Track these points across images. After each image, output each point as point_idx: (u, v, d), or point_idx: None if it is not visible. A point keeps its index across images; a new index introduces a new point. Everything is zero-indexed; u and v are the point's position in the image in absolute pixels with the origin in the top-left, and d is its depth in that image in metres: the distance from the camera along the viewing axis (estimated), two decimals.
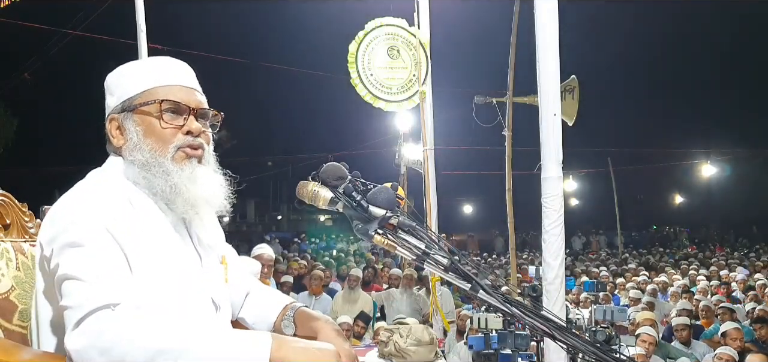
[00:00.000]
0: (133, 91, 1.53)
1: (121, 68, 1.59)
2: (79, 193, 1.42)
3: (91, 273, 1.27)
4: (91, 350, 1.19)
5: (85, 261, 1.28)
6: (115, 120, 1.53)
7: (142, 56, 6.69)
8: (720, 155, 22.92)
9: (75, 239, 1.30)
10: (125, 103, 1.52)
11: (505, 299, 1.46)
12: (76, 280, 1.26)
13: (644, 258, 17.97)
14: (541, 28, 3.90)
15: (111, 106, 1.55)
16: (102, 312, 1.22)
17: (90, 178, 1.50)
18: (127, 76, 1.56)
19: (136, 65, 1.60)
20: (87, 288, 1.25)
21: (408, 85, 7.00)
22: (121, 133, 1.52)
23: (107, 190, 1.44)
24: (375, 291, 8.95)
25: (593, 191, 27.79)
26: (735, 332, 5.96)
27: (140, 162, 1.49)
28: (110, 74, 1.59)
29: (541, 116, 3.95)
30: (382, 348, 3.53)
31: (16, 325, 1.50)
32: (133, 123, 1.51)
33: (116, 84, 1.56)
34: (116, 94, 1.54)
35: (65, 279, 1.27)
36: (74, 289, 1.26)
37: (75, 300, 1.24)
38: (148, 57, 1.63)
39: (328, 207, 1.50)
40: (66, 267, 1.28)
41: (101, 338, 1.20)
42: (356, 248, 18.56)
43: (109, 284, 1.27)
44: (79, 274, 1.27)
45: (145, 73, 1.55)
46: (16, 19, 10.08)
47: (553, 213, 3.88)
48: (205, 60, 12.23)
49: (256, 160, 26.61)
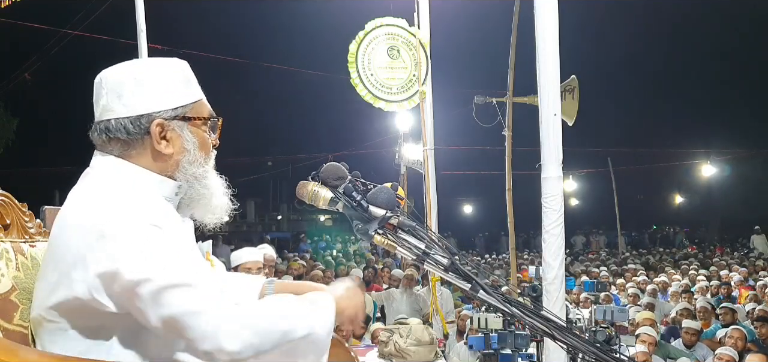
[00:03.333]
0: (186, 100, 1.47)
1: (170, 65, 1.49)
2: (120, 204, 1.35)
3: (191, 277, 1.29)
4: (244, 332, 1.27)
5: (179, 267, 1.30)
6: (162, 125, 1.43)
7: (142, 56, 6.70)
8: (720, 155, 22.90)
9: (152, 249, 1.29)
10: (178, 110, 1.45)
11: (505, 299, 1.47)
12: (182, 287, 1.27)
13: (644, 258, 17.96)
14: (541, 28, 3.90)
15: (152, 106, 1.42)
16: (224, 305, 1.30)
17: (118, 184, 1.40)
18: (181, 81, 1.48)
19: (181, 69, 1.51)
20: (201, 291, 1.29)
21: (408, 85, 7.00)
22: (166, 139, 1.44)
23: (146, 197, 1.41)
24: (375, 291, 8.95)
25: (593, 191, 27.77)
26: (736, 332, 5.96)
27: (193, 174, 1.48)
28: (145, 67, 1.48)
29: (541, 116, 3.95)
30: (382, 348, 3.54)
31: (16, 325, 1.50)
32: (190, 134, 1.47)
33: (164, 82, 1.45)
34: (165, 93, 1.44)
35: (166, 289, 1.26)
36: (188, 295, 1.27)
37: (198, 306, 1.27)
38: (176, 59, 1.52)
39: (328, 207, 1.50)
40: (160, 279, 1.26)
41: (248, 320, 1.29)
42: (356, 248, 18.57)
43: (209, 280, 1.35)
44: (180, 282, 1.28)
45: (193, 82, 1.51)
46: (16, 19, 10.08)
47: (553, 213, 3.88)
48: (204, 60, 12.24)
49: (256, 160, 26.61)
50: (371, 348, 4.27)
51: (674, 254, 19.43)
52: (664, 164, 26.12)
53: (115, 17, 9.96)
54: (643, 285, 10.29)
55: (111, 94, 1.44)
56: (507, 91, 8.63)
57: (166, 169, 1.46)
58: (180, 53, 1.79)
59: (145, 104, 1.42)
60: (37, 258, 1.61)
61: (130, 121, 1.42)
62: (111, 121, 1.42)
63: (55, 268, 1.37)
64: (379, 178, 1.57)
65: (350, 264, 12.43)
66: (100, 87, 1.47)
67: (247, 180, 26.20)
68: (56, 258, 1.37)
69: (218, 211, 1.56)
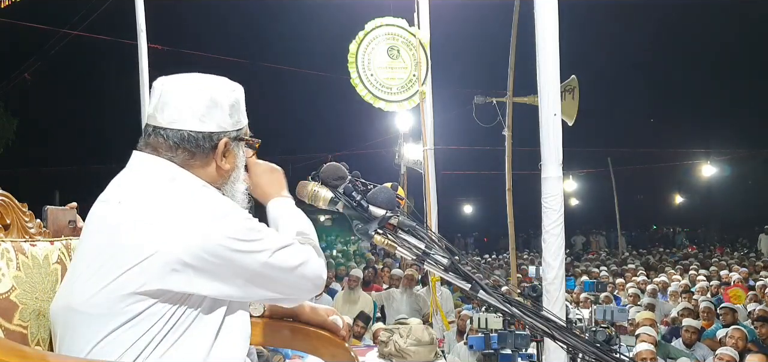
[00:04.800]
0: (244, 122, 1.61)
1: (235, 89, 1.60)
2: (207, 198, 1.48)
3: (286, 239, 1.52)
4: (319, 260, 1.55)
5: (274, 234, 1.52)
6: (227, 144, 1.55)
7: (141, 56, 6.70)
8: (720, 155, 22.92)
9: (257, 225, 1.48)
10: (240, 132, 1.58)
11: (505, 299, 1.47)
12: (286, 247, 1.48)
13: (644, 258, 17.97)
14: (541, 28, 3.90)
15: (223, 125, 1.55)
16: (307, 247, 1.55)
17: (192, 188, 1.51)
18: (242, 104, 1.60)
19: (241, 91, 1.62)
20: (298, 249, 1.51)
21: (408, 85, 7.00)
22: (225, 156, 1.55)
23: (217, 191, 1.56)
24: (375, 291, 8.95)
25: (593, 191, 27.79)
26: (737, 332, 5.96)
27: (237, 190, 1.60)
28: (218, 89, 1.57)
29: (541, 116, 3.95)
30: (382, 348, 3.54)
31: (16, 325, 1.50)
32: (242, 153, 1.61)
33: (234, 103, 1.57)
34: (233, 114, 1.56)
35: (278, 250, 1.46)
36: (293, 250, 1.50)
37: (301, 255, 1.51)
38: (236, 84, 1.65)
39: (328, 207, 1.50)
40: (271, 243, 1.46)
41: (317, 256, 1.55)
42: (356, 248, 18.56)
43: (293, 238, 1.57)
44: (285, 243, 1.49)
45: (244, 105, 1.62)
46: (16, 19, 10.08)
47: (553, 213, 3.88)
48: (205, 60, 12.21)
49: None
50: (371, 348, 4.27)
51: (674, 254, 19.43)
52: (664, 164, 26.14)
53: (115, 17, 9.96)
54: (643, 285, 10.29)
55: (185, 108, 1.52)
56: (507, 91, 8.64)
57: (216, 181, 1.56)
58: (180, 53, 1.79)
59: (218, 124, 1.54)
60: (38, 257, 1.61)
61: (203, 135, 1.52)
62: (184, 132, 1.51)
63: (121, 259, 1.38)
64: (379, 178, 1.58)
65: (350, 264, 12.44)
66: (166, 96, 1.54)
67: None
68: (125, 249, 1.39)
69: None
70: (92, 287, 1.40)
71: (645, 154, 25.05)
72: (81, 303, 1.42)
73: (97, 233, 1.48)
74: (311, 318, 1.97)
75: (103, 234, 1.45)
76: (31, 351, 1.43)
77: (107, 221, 1.46)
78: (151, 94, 1.58)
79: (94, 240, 1.47)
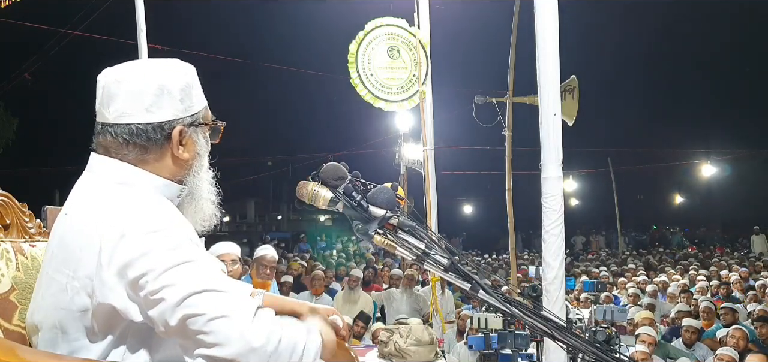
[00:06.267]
0: (199, 107, 1.49)
1: (186, 71, 1.49)
2: (143, 209, 1.34)
3: (219, 283, 1.29)
4: (273, 337, 1.27)
5: (205, 274, 1.28)
6: (182, 132, 1.45)
7: (142, 56, 6.69)
8: (720, 155, 22.91)
9: (183, 257, 1.28)
10: (194, 116, 1.48)
11: (505, 299, 1.46)
12: (212, 292, 1.26)
13: (644, 258, 17.96)
14: (541, 28, 3.90)
15: (176, 112, 1.43)
16: (255, 313, 1.29)
17: (136, 189, 1.40)
18: (195, 86, 1.49)
19: (193, 74, 1.51)
20: (229, 297, 1.27)
21: (408, 85, 7.00)
22: (182, 145, 1.46)
23: (164, 202, 1.42)
24: (375, 291, 8.95)
25: (593, 191, 27.78)
26: (737, 332, 5.96)
27: (201, 178, 1.51)
28: (164, 73, 1.45)
29: (541, 116, 3.95)
30: (382, 348, 3.54)
31: (16, 325, 1.50)
32: (201, 139, 1.50)
33: (184, 87, 1.46)
34: (185, 99, 1.45)
35: (194, 294, 1.25)
36: (216, 300, 1.26)
37: (225, 309, 1.25)
38: (184, 63, 1.52)
39: (328, 207, 1.50)
40: (186, 284, 1.25)
41: (272, 334, 1.27)
42: (356, 248, 18.55)
43: (238, 289, 1.33)
44: (209, 287, 1.27)
45: (199, 87, 1.52)
46: (16, 19, 10.08)
47: (553, 213, 3.88)
48: (205, 60, 12.22)
49: (256, 159, 26.61)
50: (371, 348, 4.26)
51: (674, 254, 19.43)
52: (664, 164, 26.15)
53: (115, 17, 9.97)
54: (643, 285, 10.29)
55: (131, 99, 1.42)
56: (507, 91, 8.64)
57: (177, 173, 1.48)
58: (180, 53, 1.78)
59: (169, 111, 1.43)
60: (38, 258, 1.61)
61: (153, 127, 1.42)
62: (132, 126, 1.41)
63: (64, 272, 1.34)
64: (379, 178, 1.57)
65: (350, 264, 12.43)
66: (111, 88, 1.44)
67: (247, 180, 26.23)
68: (67, 261, 1.35)
69: (208, 218, 1.56)
70: (47, 300, 1.38)
71: (645, 154, 25.09)
72: (40, 320, 1.40)
73: (50, 245, 1.46)
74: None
75: (52, 246, 1.43)
76: (31, 352, 1.43)
77: (57, 232, 1.43)
78: (96, 89, 1.47)
79: (48, 253, 1.45)
